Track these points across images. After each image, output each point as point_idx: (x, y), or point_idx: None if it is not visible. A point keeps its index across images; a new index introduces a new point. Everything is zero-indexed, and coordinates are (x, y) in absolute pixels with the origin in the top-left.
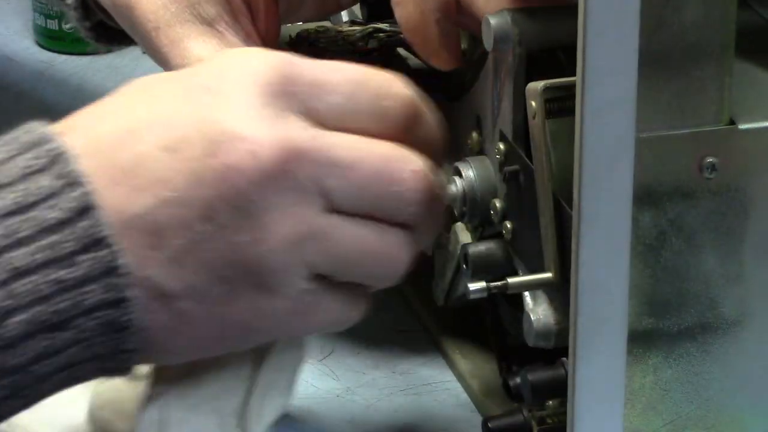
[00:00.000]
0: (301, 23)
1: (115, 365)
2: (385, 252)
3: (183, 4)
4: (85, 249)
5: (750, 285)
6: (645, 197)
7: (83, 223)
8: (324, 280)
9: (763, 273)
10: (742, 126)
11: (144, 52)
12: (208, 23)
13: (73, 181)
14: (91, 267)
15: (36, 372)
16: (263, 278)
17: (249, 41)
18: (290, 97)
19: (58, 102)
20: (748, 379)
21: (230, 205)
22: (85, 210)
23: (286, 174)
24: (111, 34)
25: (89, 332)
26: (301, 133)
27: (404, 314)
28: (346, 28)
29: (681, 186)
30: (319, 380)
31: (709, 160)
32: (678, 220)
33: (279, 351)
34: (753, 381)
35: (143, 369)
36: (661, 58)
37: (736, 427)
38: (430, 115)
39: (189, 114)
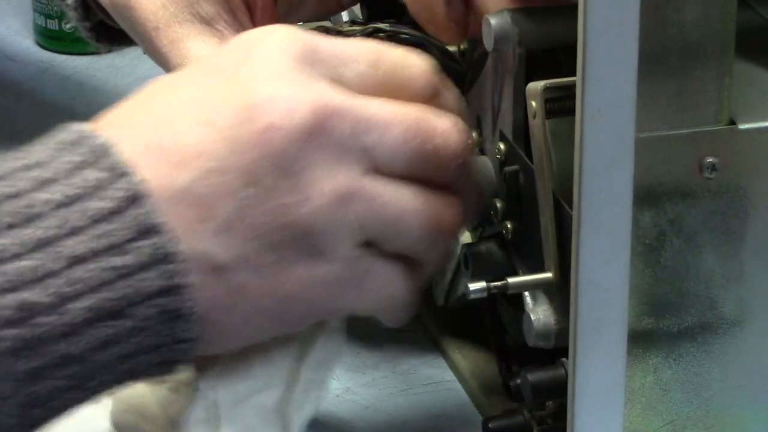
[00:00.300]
0: (301, 23)
1: (173, 356)
2: (430, 215)
3: (182, 4)
4: (139, 236)
5: (750, 285)
6: (645, 197)
7: (134, 212)
8: (374, 248)
9: (763, 273)
10: (742, 126)
11: (144, 53)
12: (207, 22)
13: (119, 172)
14: (145, 254)
15: (98, 361)
16: (311, 241)
17: None
18: (318, 65)
19: (58, 102)
20: (748, 379)
21: (271, 165)
22: (134, 198)
23: (324, 131)
24: (111, 34)
25: (148, 320)
26: (333, 94)
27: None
28: (346, 28)
29: (681, 186)
30: None
31: (709, 160)
32: (678, 220)
33: (319, 347)
34: (753, 381)
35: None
36: (661, 58)
37: (736, 427)
38: (450, 86)
39: (219, 90)
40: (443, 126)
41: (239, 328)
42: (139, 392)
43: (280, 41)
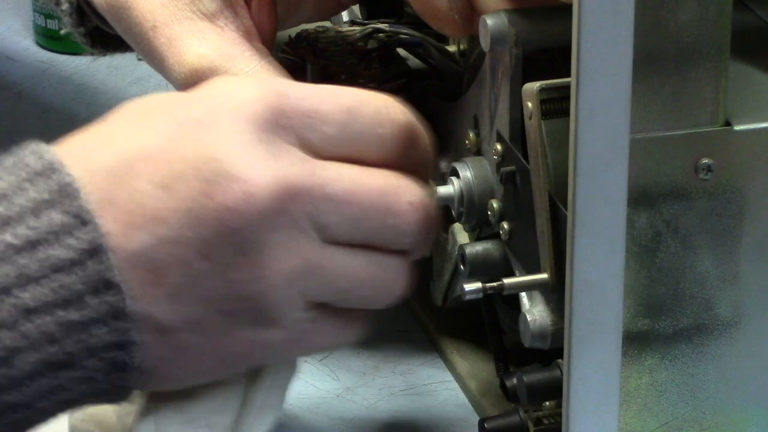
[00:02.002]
0: (301, 23)
1: (116, 398)
2: (383, 279)
3: (182, 2)
4: (95, 291)
5: (745, 286)
6: (640, 198)
7: (93, 266)
8: (321, 307)
9: (759, 274)
10: (738, 127)
11: (139, 59)
12: (209, 18)
13: (83, 220)
14: (99, 309)
15: (39, 407)
16: (261, 312)
17: (248, 36)
18: (283, 130)
19: (58, 102)
20: (744, 380)
21: (227, 244)
22: (95, 251)
23: (282, 212)
24: (106, 39)
25: (96, 372)
26: (295, 170)
27: (404, 314)
28: (345, 28)
29: (676, 187)
30: (319, 380)
31: (705, 161)
32: (673, 221)
33: (272, 370)
34: (749, 382)
35: None
36: (656, 59)
37: (731, 428)
38: (424, 136)
39: (182, 150)
40: (406, 200)
41: (185, 376)
42: None
43: (248, 104)
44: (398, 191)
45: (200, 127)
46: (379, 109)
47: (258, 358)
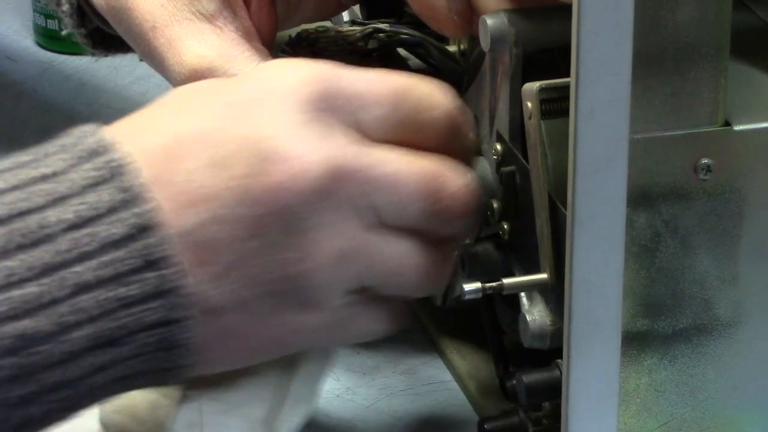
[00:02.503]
0: (301, 23)
1: (166, 378)
2: (426, 266)
3: (181, 2)
4: (147, 267)
5: (745, 286)
6: (640, 198)
7: (145, 241)
8: (362, 293)
9: (758, 274)
10: (737, 127)
11: (140, 59)
12: (208, 19)
13: (134, 197)
14: (148, 286)
15: (92, 384)
16: (308, 293)
17: (248, 37)
18: (334, 111)
19: (58, 102)
20: (743, 380)
21: (279, 222)
22: (147, 228)
23: (333, 192)
24: (107, 40)
25: (146, 347)
26: (345, 151)
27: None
28: (346, 28)
29: (676, 187)
30: None
31: (704, 161)
32: (673, 221)
33: (307, 361)
34: (748, 382)
35: None
36: (655, 59)
37: (731, 428)
38: (470, 122)
39: (233, 129)
40: (455, 185)
41: (227, 359)
42: (129, 394)
43: (299, 85)
44: (446, 176)
45: (251, 107)
46: (427, 93)
47: (298, 342)
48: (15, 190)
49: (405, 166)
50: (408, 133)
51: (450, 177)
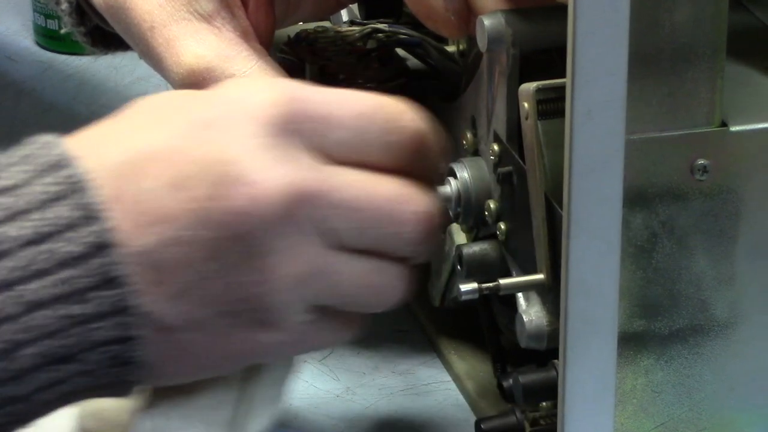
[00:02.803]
0: (301, 23)
1: (114, 392)
2: (385, 284)
3: (179, 2)
4: (99, 286)
5: (741, 287)
6: (636, 199)
7: (99, 260)
8: (321, 309)
9: (755, 275)
10: (734, 128)
11: (140, 57)
12: (206, 19)
13: (93, 214)
14: (102, 304)
15: (39, 400)
16: (267, 314)
17: (245, 37)
18: (295, 135)
19: (58, 102)
20: (740, 381)
21: (238, 245)
22: (104, 246)
23: (290, 217)
24: (107, 38)
25: (99, 364)
26: (305, 175)
27: (404, 315)
28: (345, 28)
29: (672, 188)
30: (319, 380)
31: (701, 162)
32: (669, 222)
33: (270, 367)
34: (745, 383)
35: None
36: (652, 60)
37: (727, 429)
38: (438, 143)
39: (193, 151)
40: (416, 210)
41: (185, 373)
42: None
43: (264, 107)
44: (406, 200)
45: (212, 129)
46: (392, 115)
47: (257, 357)
48: None
49: (365, 191)
50: (374, 154)
51: (411, 202)
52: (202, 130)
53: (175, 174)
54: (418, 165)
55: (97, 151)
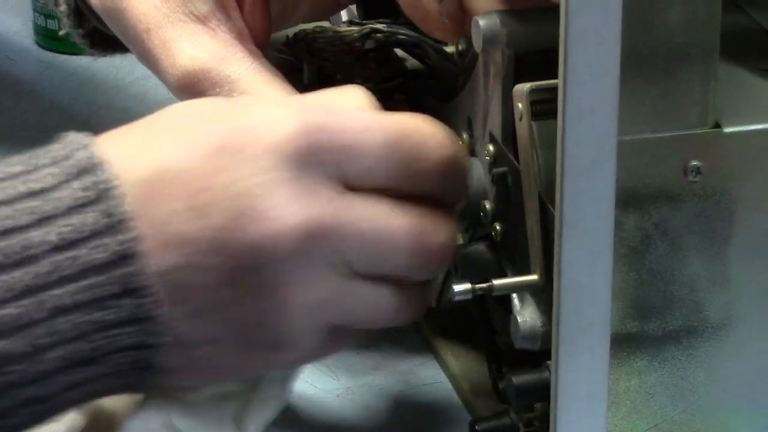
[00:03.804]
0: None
1: (134, 391)
2: (399, 307)
3: (174, 4)
4: (125, 294)
5: (735, 288)
6: (629, 200)
7: (125, 270)
8: (333, 329)
9: (748, 276)
10: (728, 129)
11: (138, 59)
12: (201, 21)
13: (118, 224)
14: (128, 312)
15: (65, 398)
16: (281, 338)
17: (241, 38)
18: (318, 166)
19: (58, 102)
20: (734, 382)
21: (251, 277)
22: (128, 256)
23: (308, 253)
24: (105, 40)
25: (120, 367)
26: (326, 209)
27: None
28: (343, 28)
29: (665, 189)
30: (319, 380)
31: (694, 163)
32: (662, 223)
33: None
34: (738, 385)
35: None
36: (645, 61)
37: (721, 430)
38: (465, 168)
39: (215, 179)
40: (436, 241)
41: (197, 381)
42: None
43: (287, 139)
44: (429, 233)
45: (235, 156)
46: (419, 142)
47: (270, 369)
48: (2, 206)
49: (387, 223)
50: (398, 181)
51: (431, 234)
52: (224, 156)
53: (194, 198)
54: (442, 189)
55: (128, 158)
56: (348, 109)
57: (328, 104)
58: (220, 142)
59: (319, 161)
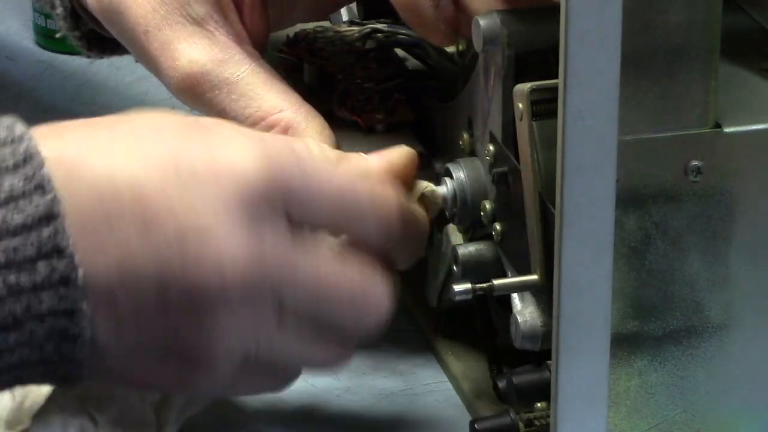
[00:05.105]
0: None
1: (62, 374)
2: (326, 356)
3: (172, 6)
4: (44, 255)
5: (735, 288)
6: (630, 200)
7: (46, 230)
8: (258, 365)
9: (749, 276)
10: (728, 129)
11: (137, 61)
12: (198, 23)
13: (39, 185)
14: (47, 274)
15: None
16: (201, 360)
17: (239, 40)
18: (273, 209)
19: (58, 102)
20: (734, 382)
21: (187, 305)
22: (49, 217)
23: (248, 294)
24: (102, 42)
25: (39, 336)
26: (272, 253)
27: (402, 315)
28: (344, 28)
29: (666, 189)
30: (319, 380)
31: (695, 163)
32: (663, 223)
33: None
34: (739, 385)
35: None
36: (645, 61)
37: (721, 430)
38: (416, 219)
39: (168, 202)
40: (374, 303)
41: (118, 383)
42: None
43: (244, 181)
44: (369, 293)
45: (194, 184)
46: (373, 199)
47: (188, 390)
48: None
49: (329, 276)
50: (348, 231)
51: (372, 295)
52: (180, 177)
53: (142, 213)
54: (392, 245)
55: (75, 149)
56: (308, 155)
57: (289, 147)
58: (178, 162)
59: (272, 203)
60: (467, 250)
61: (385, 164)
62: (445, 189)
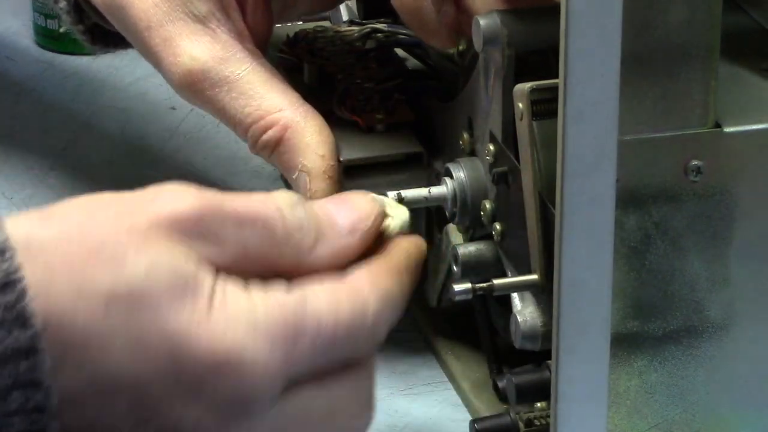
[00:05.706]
0: (300, 23)
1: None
2: None
3: (175, 3)
4: (20, 387)
5: (735, 288)
6: (630, 200)
7: (24, 363)
8: None
9: (749, 276)
10: (728, 129)
11: (141, 55)
12: (200, 21)
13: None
14: (22, 402)
15: None
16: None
17: (240, 38)
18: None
19: (58, 102)
20: (734, 382)
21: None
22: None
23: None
24: (106, 36)
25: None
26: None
27: (404, 315)
28: (344, 28)
29: (666, 189)
30: None
31: (695, 163)
32: (663, 223)
33: None
34: (739, 384)
35: None
36: (645, 60)
37: (721, 430)
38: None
39: (95, 268)
40: (311, 330)
41: None
42: None
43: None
44: (297, 324)
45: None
46: (297, 225)
47: None
48: None
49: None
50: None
51: (300, 322)
52: (109, 247)
53: (79, 263)
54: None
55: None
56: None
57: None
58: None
59: (196, 236)
60: (467, 249)
61: (359, 241)
62: (445, 189)
